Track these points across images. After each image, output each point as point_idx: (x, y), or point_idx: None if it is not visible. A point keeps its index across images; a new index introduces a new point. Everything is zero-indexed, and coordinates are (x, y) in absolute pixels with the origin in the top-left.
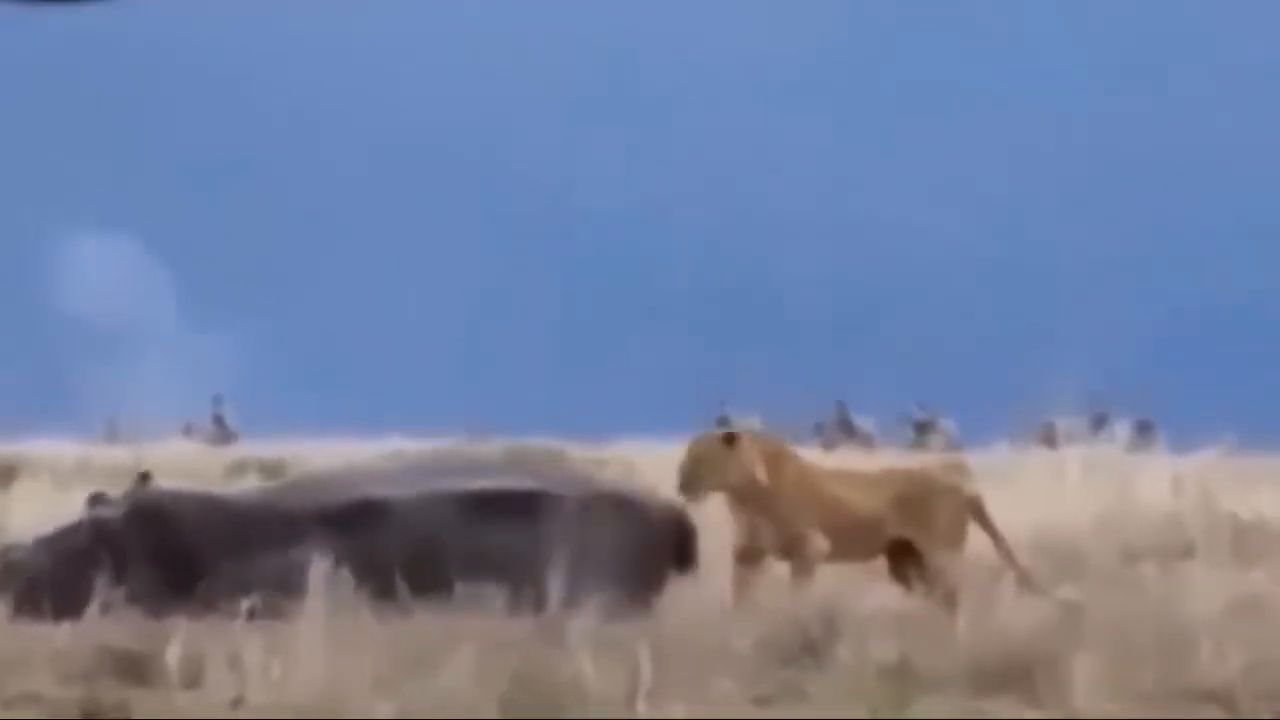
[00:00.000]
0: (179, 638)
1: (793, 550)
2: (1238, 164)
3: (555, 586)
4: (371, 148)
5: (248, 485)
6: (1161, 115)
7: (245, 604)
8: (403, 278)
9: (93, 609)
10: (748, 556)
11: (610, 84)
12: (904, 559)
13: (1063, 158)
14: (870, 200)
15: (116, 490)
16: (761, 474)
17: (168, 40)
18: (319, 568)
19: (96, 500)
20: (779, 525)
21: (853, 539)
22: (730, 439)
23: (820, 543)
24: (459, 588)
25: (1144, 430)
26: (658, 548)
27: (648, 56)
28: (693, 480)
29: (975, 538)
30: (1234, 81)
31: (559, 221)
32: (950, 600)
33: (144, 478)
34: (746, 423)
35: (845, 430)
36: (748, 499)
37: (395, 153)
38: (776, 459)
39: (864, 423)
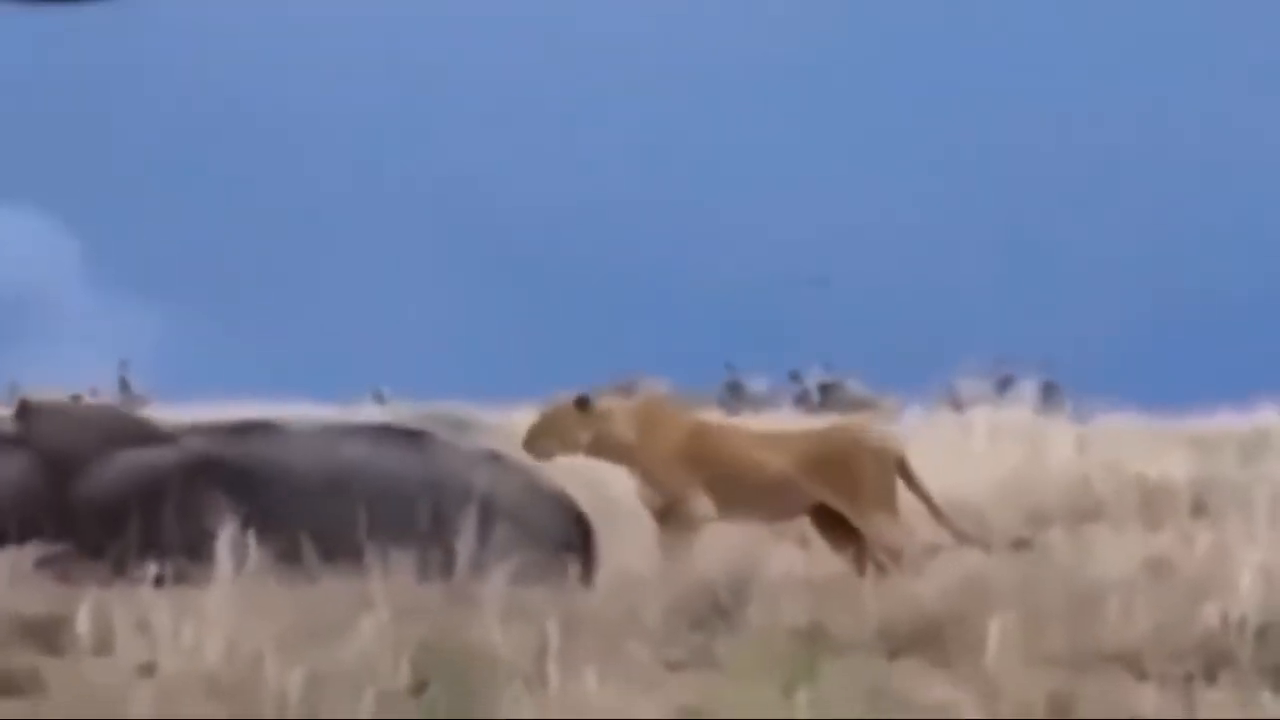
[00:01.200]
0: (89, 604)
1: (669, 512)
2: (1139, 133)
3: (464, 547)
4: (283, 120)
5: None
6: (1050, 81)
7: (153, 570)
8: (313, 247)
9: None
10: (657, 518)
11: (535, 73)
12: (835, 522)
13: (964, 125)
14: (778, 171)
15: None
16: (628, 435)
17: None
18: (226, 533)
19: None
20: (655, 487)
21: (759, 500)
22: (583, 403)
23: (702, 505)
24: (365, 536)
25: (1049, 393)
26: (562, 510)
27: (572, 47)
28: (532, 441)
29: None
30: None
31: (474, 197)
32: (893, 561)
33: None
34: (653, 385)
35: (736, 394)
36: (625, 462)
37: (306, 126)
38: (653, 420)
39: (767, 387)
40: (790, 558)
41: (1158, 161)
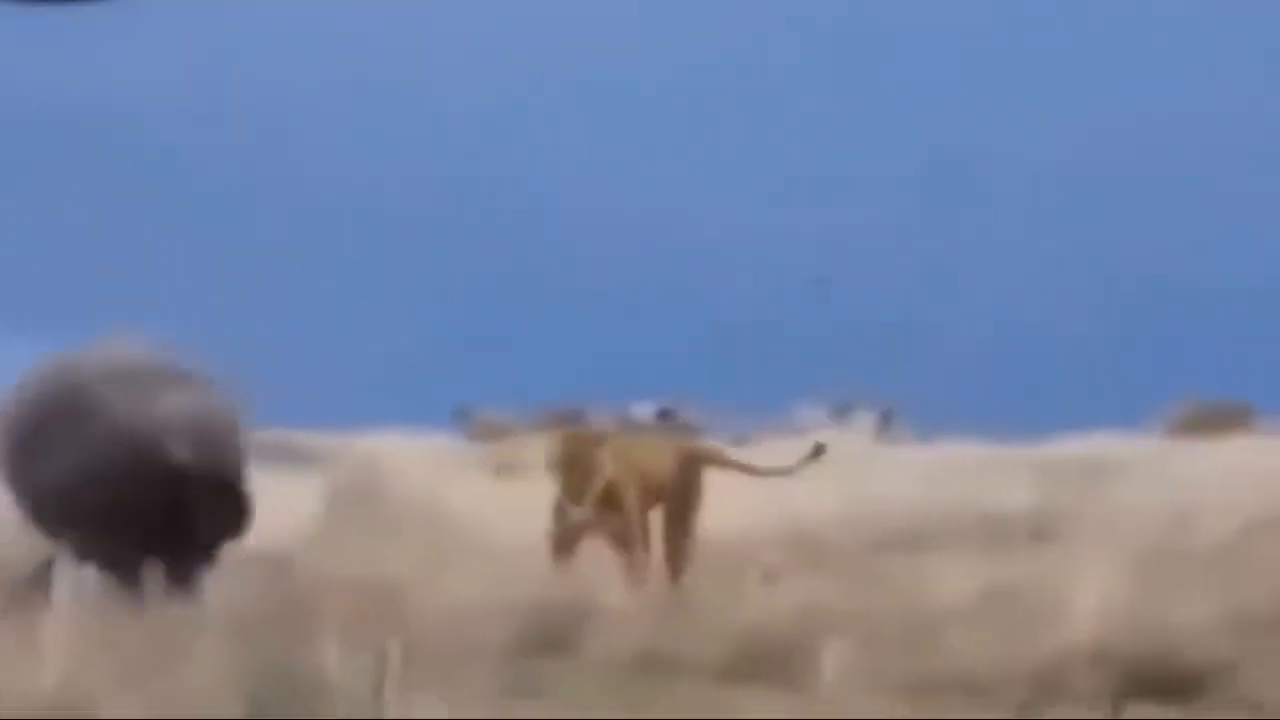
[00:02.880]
0: None
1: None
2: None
3: None
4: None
5: None
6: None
7: None
8: (159, 257)
9: None
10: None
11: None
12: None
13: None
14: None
15: None
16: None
17: None
18: (65, 563)
19: None
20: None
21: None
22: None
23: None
24: None
25: (887, 420)
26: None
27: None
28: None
29: (720, 528)
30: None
31: (330, 199)
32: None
33: None
34: (494, 413)
35: (577, 421)
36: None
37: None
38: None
39: (611, 415)
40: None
41: (997, 186)
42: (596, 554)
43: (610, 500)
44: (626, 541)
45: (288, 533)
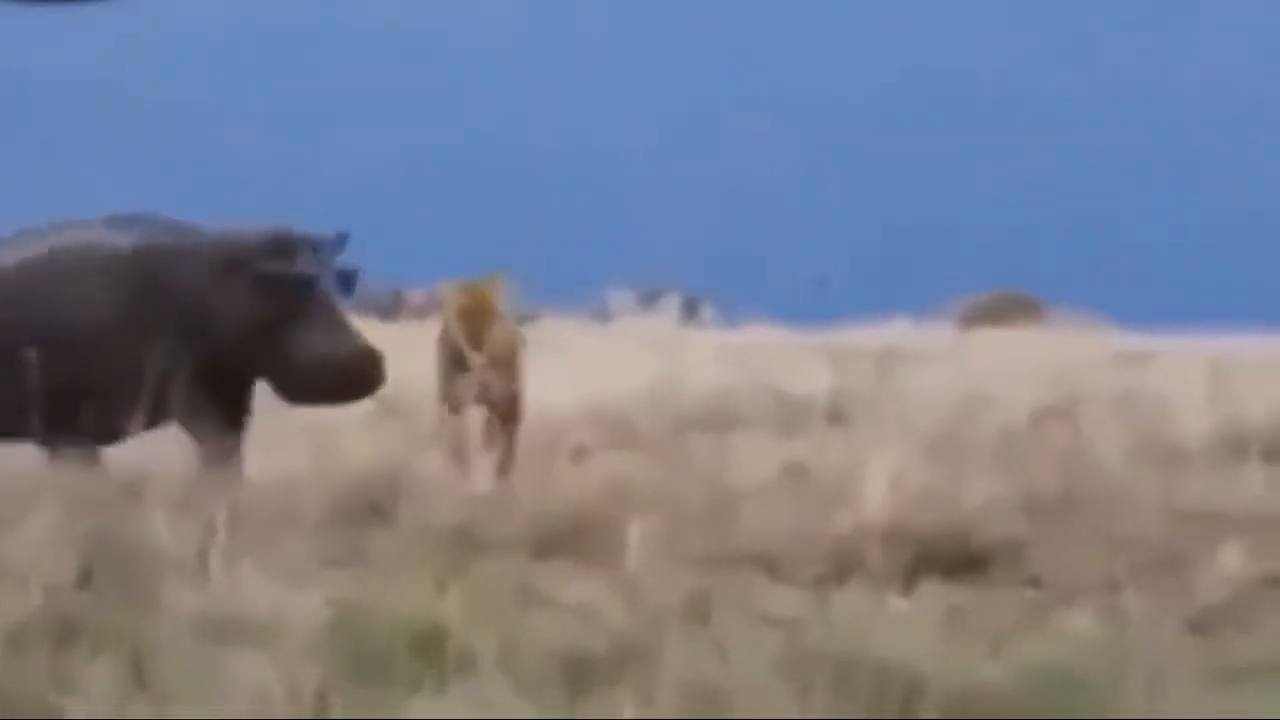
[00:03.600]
0: None
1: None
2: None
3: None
4: None
5: None
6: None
7: None
8: None
9: None
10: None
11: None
12: None
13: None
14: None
15: None
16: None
17: None
18: None
19: None
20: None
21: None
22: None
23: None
24: None
25: (692, 307)
26: None
27: None
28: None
29: (532, 408)
30: None
31: None
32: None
33: None
34: None
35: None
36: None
37: None
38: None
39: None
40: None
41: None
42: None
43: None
44: (509, 407)
45: None
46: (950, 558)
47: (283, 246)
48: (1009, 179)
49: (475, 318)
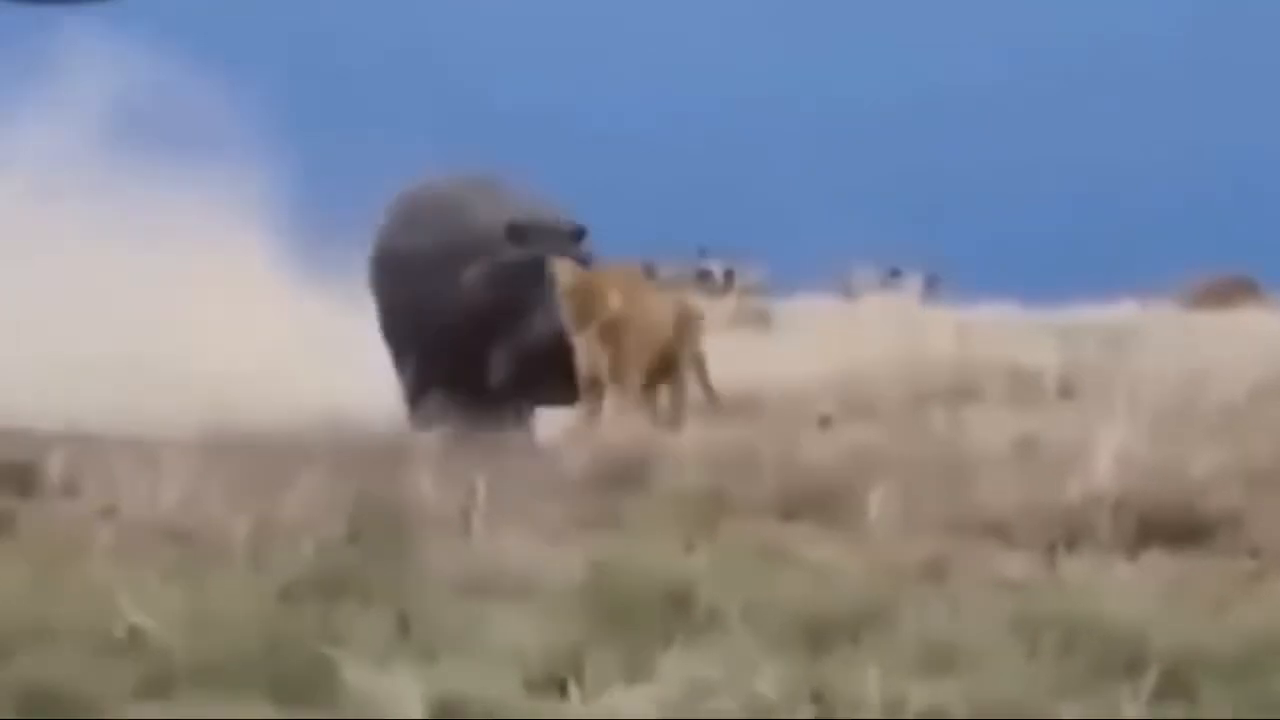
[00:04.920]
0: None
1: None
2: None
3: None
4: None
5: None
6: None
7: None
8: None
9: None
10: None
11: None
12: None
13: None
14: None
15: None
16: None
17: None
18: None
19: None
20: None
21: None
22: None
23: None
24: None
25: (932, 284)
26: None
27: None
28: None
29: (781, 378)
30: None
31: None
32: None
33: None
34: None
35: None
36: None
37: None
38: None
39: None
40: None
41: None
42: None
43: (610, 335)
44: (617, 374)
45: None
46: (1173, 527)
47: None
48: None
49: (579, 297)
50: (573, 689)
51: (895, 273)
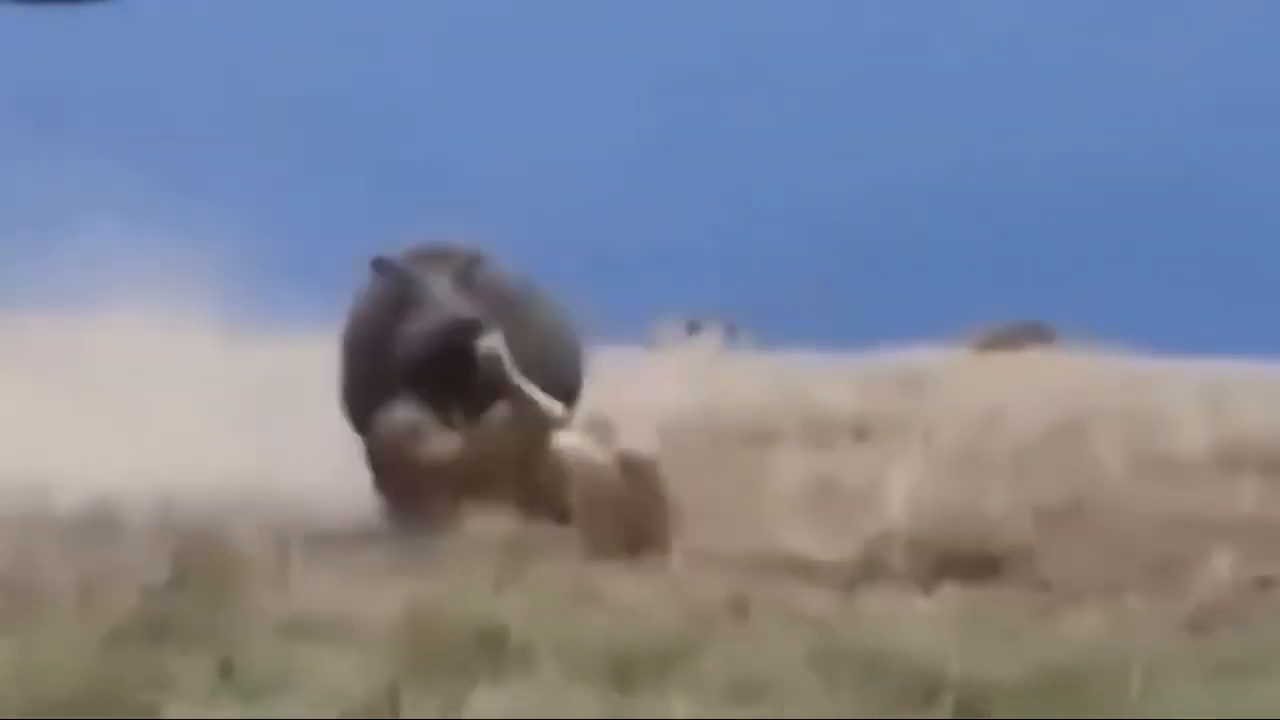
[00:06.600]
0: None
1: None
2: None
3: None
4: None
5: None
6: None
7: None
8: None
9: None
10: None
11: None
12: None
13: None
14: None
15: None
16: None
17: None
18: None
19: None
20: None
21: None
22: None
23: None
24: None
25: (730, 333)
26: None
27: None
28: None
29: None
30: None
31: None
32: None
33: None
34: None
35: None
36: None
37: None
38: None
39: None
40: None
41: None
42: None
43: None
44: None
45: None
46: (967, 562)
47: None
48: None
49: None
50: None
51: (695, 324)
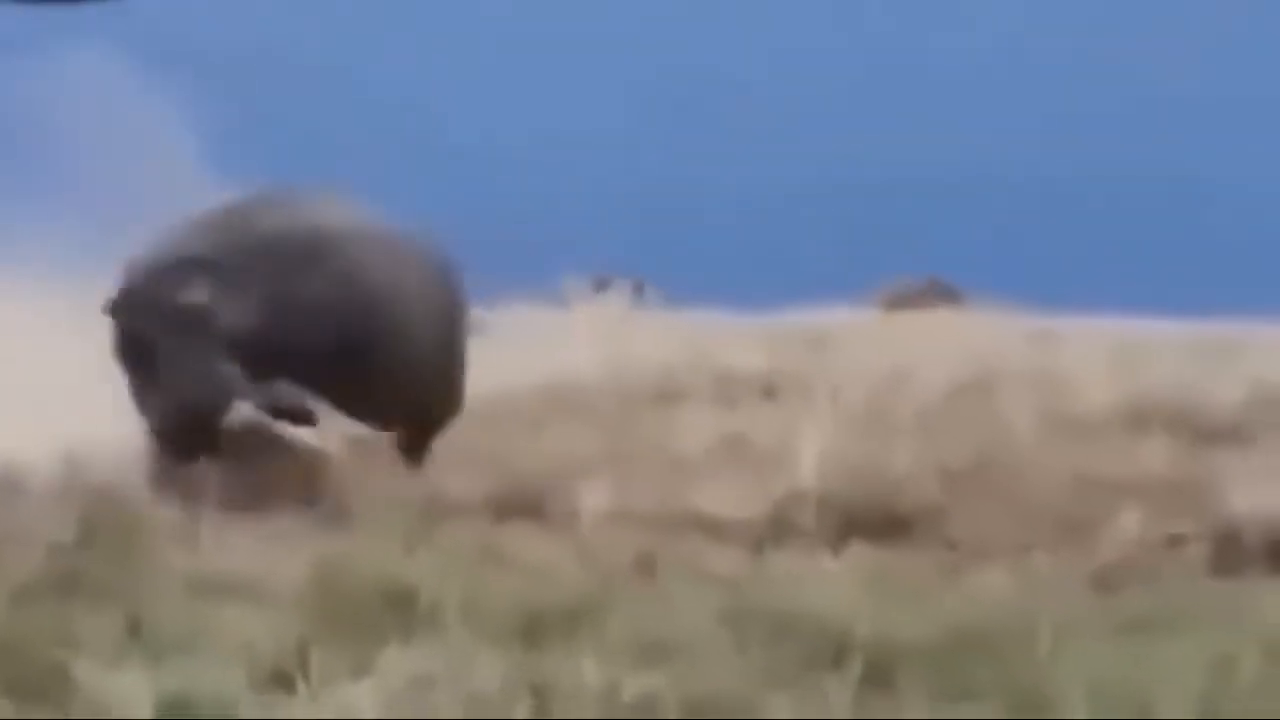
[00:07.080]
0: None
1: None
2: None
3: None
4: None
5: None
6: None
7: None
8: None
9: None
10: None
11: None
12: None
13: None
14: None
15: None
16: None
17: None
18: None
19: None
20: None
21: None
22: None
23: None
24: None
25: (639, 290)
26: None
27: None
28: None
29: (489, 384)
30: None
31: None
32: None
33: None
34: None
35: None
36: None
37: None
38: None
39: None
40: None
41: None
42: None
43: None
44: None
45: None
46: (875, 522)
47: None
48: (935, 174)
49: None
50: (300, 685)
51: (603, 281)
